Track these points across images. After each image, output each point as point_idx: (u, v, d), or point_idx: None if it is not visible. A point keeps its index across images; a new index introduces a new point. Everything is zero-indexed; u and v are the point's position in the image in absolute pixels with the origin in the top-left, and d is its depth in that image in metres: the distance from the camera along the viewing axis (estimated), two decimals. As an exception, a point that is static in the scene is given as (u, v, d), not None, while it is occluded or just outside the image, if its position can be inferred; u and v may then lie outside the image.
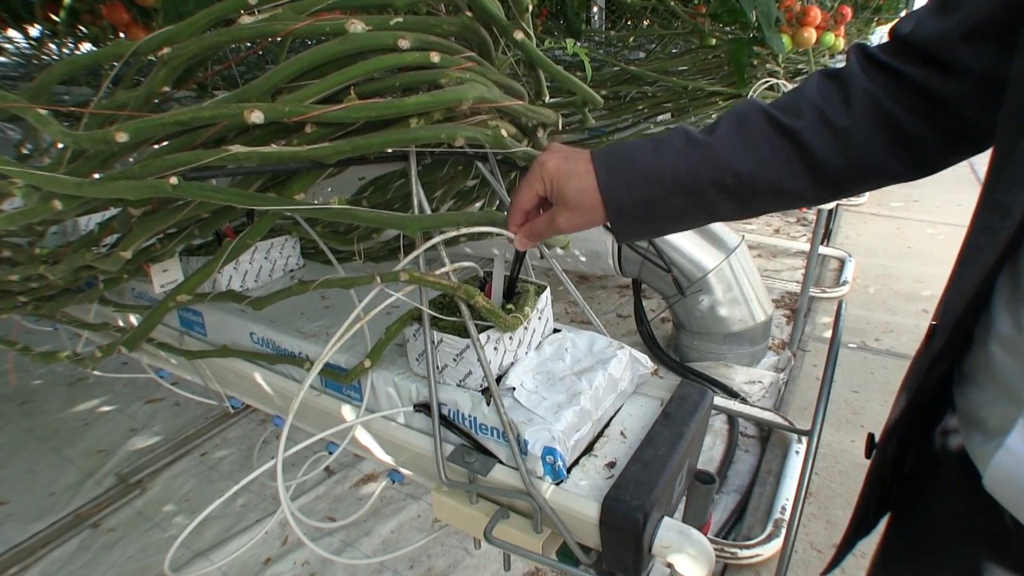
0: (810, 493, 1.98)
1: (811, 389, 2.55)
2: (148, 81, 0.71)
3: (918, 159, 0.65)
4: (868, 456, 0.75)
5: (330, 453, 1.08)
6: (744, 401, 2.27)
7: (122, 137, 0.63)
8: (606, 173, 0.68)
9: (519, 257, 0.82)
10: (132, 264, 0.97)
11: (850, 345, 2.88)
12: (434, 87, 0.71)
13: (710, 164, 0.65)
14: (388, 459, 0.94)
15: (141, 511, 2.08)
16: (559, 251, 2.54)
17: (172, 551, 0.88)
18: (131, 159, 0.75)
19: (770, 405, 2.35)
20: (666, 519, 0.75)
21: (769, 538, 1.70)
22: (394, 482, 0.99)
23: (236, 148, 0.66)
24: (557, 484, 0.75)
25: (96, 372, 1.49)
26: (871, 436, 0.75)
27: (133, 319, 1.27)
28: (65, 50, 2.88)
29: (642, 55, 2.90)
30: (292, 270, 1.22)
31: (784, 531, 1.69)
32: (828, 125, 0.63)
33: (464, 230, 0.72)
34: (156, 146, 0.75)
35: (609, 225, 0.70)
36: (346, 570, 1.82)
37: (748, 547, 1.67)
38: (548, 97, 0.88)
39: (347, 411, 0.92)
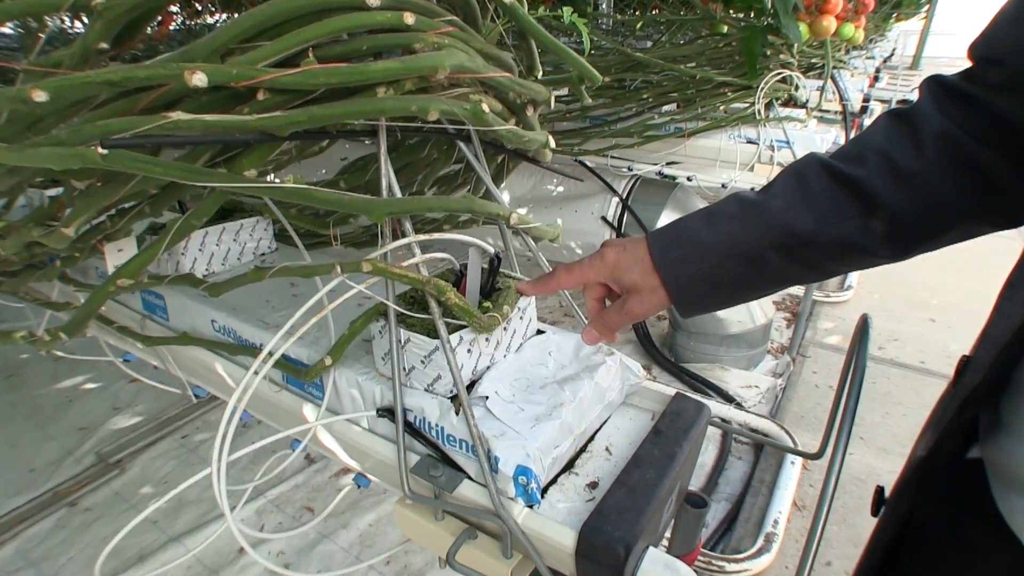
0: (804, 506, 1.91)
1: (809, 396, 2.47)
2: (82, 36, 0.63)
3: (1004, 204, 0.56)
4: (875, 514, 0.66)
5: (293, 450, 1.01)
6: (739, 406, 2.19)
7: (39, 96, 0.55)
8: (660, 252, 0.64)
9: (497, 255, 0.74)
10: (83, 243, 0.89)
11: (853, 350, 2.80)
12: (408, 53, 0.62)
13: (767, 227, 0.60)
14: (353, 463, 0.86)
15: (119, 492, 2.06)
16: (551, 244, 2.44)
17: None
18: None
19: (766, 411, 2.27)
20: (651, 550, 0.66)
21: (759, 552, 1.61)
22: (359, 487, 0.91)
23: (177, 115, 0.58)
24: (530, 508, 0.67)
25: (59, 353, 1.43)
26: (879, 490, 0.66)
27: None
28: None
29: (650, 45, 2.79)
30: (264, 254, 1.14)
31: (775, 546, 1.61)
32: (895, 171, 0.56)
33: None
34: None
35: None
36: (321, 562, 1.77)
37: (736, 561, 1.59)
38: (542, 73, 0.79)
39: (308, 411, 0.84)
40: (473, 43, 0.66)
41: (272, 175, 0.91)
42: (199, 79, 0.56)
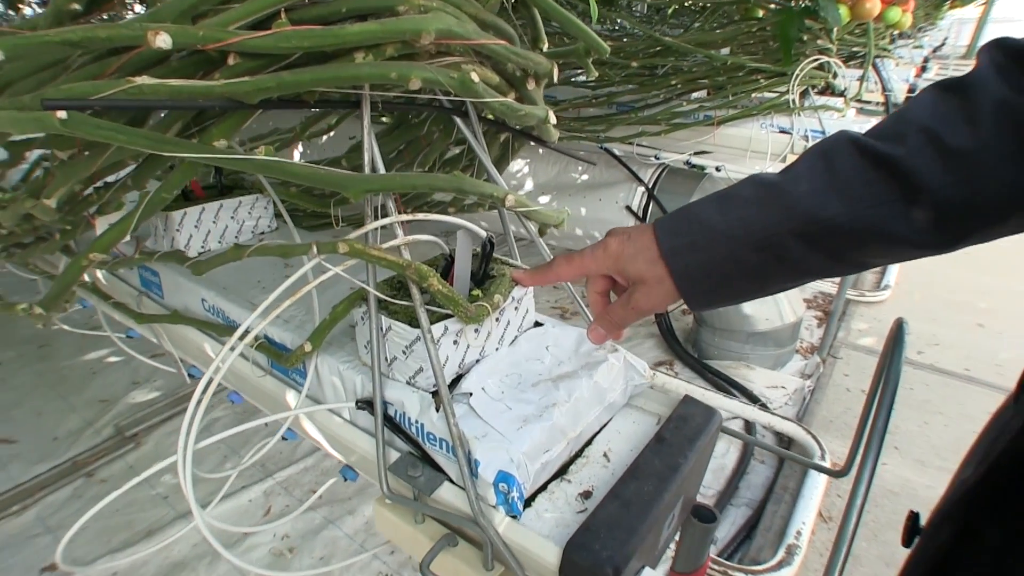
0: (831, 518, 1.83)
1: (839, 400, 2.36)
2: (53, -5, 0.58)
3: None
4: (907, 544, 0.59)
5: (285, 439, 0.97)
6: (764, 407, 2.10)
7: (-8, 53, 0.51)
8: (667, 238, 0.58)
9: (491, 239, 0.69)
10: (74, 215, 0.86)
11: (887, 355, 2.69)
12: (392, 16, 0.56)
13: (787, 211, 0.53)
14: (338, 455, 0.82)
15: (133, 465, 2.07)
16: (555, 232, 2.38)
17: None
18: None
19: (792, 414, 2.18)
20: (647, 572, 0.61)
21: (780, 565, 1.52)
22: (346, 479, 0.87)
23: (142, 79, 0.53)
24: (512, 518, 0.61)
25: (66, 327, 1.42)
26: (914, 517, 0.59)
27: (100, 275, 1.17)
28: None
29: (682, 32, 2.70)
30: (263, 232, 1.10)
31: (797, 559, 1.54)
32: (942, 149, 0.48)
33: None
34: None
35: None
36: (326, 547, 1.75)
37: (755, 573, 1.52)
38: (548, 45, 0.73)
39: (291, 397, 0.80)
40: (466, 8, 0.60)
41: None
42: (163, 40, 0.52)
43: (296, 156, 2.70)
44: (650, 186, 2.32)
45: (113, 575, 1.64)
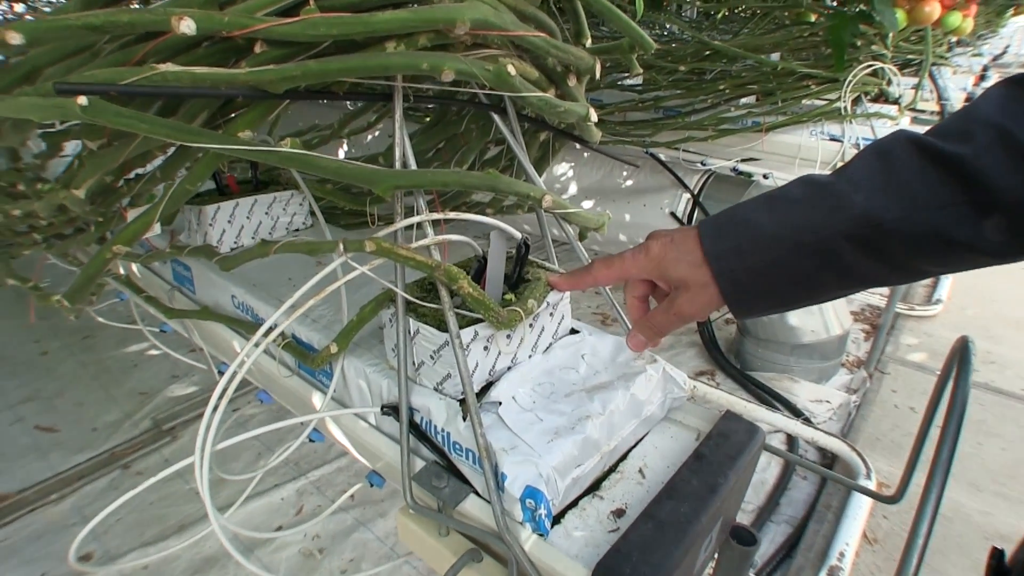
0: (876, 540, 1.75)
1: (887, 417, 2.27)
2: (82, -22, 0.57)
3: None
4: None
5: (312, 440, 0.95)
6: (807, 422, 2.03)
7: (14, 38, 0.49)
8: (712, 241, 0.55)
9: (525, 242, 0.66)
10: (105, 207, 0.85)
11: (939, 372, 2.58)
12: (426, 4, 0.54)
13: (841, 213, 0.49)
14: (364, 461, 0.80)
15: (168, 459, 2.10)
16: (597, 237, 2.35)
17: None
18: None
19: (837, 430, 2.11)
20: (681, 596, 0.57)
21: (821, 589, 1.47)
22: (372, 485, 0.84)
23: (166, 67, 0.51)
24: (539, 536, 0.58)
25: (101, 319, 1.43)
26: (998, 555, 0.54)
27: (135, 268, 1.17)
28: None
29: (731, 38, 2.64)
30: (297, 229, 1.08)
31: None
32: (1015, 148, 0.43)
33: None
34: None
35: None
36: (355, 550, 1.73)
37: (795, 594, 1.46)
38: (591, 41, 0.69)
39: (316, 399, 0.77)
40: (506, -2, 0.57)
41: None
42: (187, 26, 0.50)
43: (340, 154, 2.71)
44: (695, 192, 2.27)
45: (144, 568, 1.65)
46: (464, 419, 0.61)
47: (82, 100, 0.51)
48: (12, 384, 2.40)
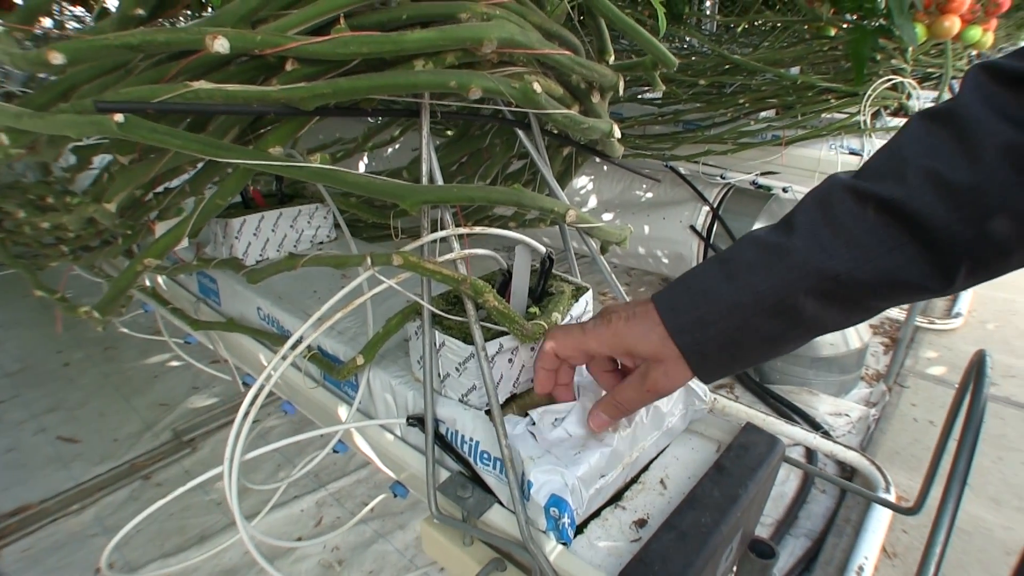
0: (896, 554, 1.73)
1: (905, 431, 2.25)
2: (120, 2, 0.59)
3: None
4: None
5: (336, 451, 0.96)
6: (826, 435, 2.02)
7: (56, 58, 0.51)
8: (672, 315, 0.55)
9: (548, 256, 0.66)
10: (133, 220, 0.87)
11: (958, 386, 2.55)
12: (454, 24, 0.55)
13: (796, 272, 0.50)
14: (389, 472, 0.81)
15: (188, 470, 2.11)
16: (617, 250, 2.34)
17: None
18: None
19: (856, 443, 2.09)
20: (702, 607, 0.57)
21: (842, 601, 1.46)
22: (396, 495, 0.85)
23: (199, 84, 0.53)
24: (563, 545, 0.59)
25: (125, 330, 1.45)
26: None
27: (160, 280, 1.19)
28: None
29: (751, 51, 2.64)
30: (321, 243, 1.10)
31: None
32: (944, 187, 0.45)
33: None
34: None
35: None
36: (375, 562, 1.74)
37: (816, 608, 1.45)
38: (614, 58, 0.71)
39: (342, 411, 0.78)
40: (530, 17, 0.59)
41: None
42: (221, 44, 0.51)
43: (361, 167, 2.73)
44: (715, 206, 2.27)
45: (164, 578, 1.67)
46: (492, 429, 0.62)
47: (119, 117, 0.53)
48: (36, 394, 2.44)
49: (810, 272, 0.49)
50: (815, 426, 2.12)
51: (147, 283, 1.21)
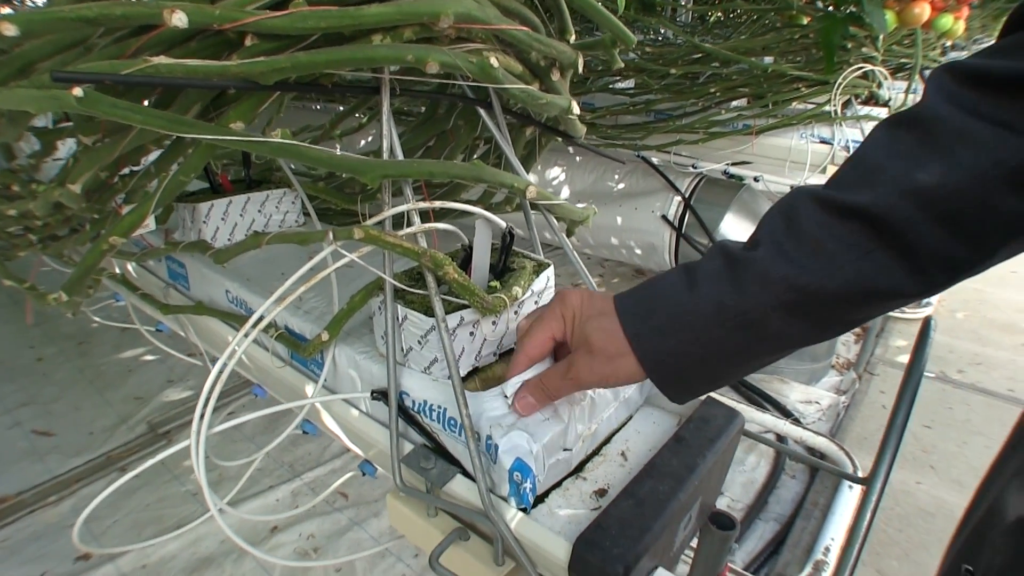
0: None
1: (874, 417, 2.29)
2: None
3: None
4: None
5: (305, 432, 0.97)
6: (797, 422, 2.05)
7: (9, 29, 0.51)
8: (632, 321, 0.54)
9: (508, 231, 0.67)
10: (100, 204, 0.87)
11: (928, 374, 2.59)
12: None
13: (762, 284, 0.48)
14: (357, 450, 0.82)
15: (164, 462, 2.09)
16: (589, 240, 2.36)
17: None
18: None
19: (826, 430, 2.12)
20: (660, 572, 0.59)
21: (806, 581, 1.49)
22: (364, 474, 0.86)
23: (159, 59, 0.53)
24: (523, 511, 0.60)
25: (97, 319, 1.44)
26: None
27: (130, 267, 1.19)
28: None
29: (722, 42, 2.67)
30: (290, 227, 1.10)
31: (825, 575, 1.48)
32: (914, 189, 0.44)
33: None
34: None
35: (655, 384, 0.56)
36: (350, 548, 1.75)
37: (782, 587, 1.48)
38: (575, 37, 0.72)
39: (309, 389, 0.79)
40: (489, -7, 0.60)
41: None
42: (179, 18, 0.52)
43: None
44: (687, 196, 2.28)
45: (142, 567, 1.66)
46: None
47: (77, 91, 0.53)
48: (8, 389, 2.41)
49: (774, 284, 0.48)
50: (786, 413, 2.15)
51: (116, 269, 1.21)
